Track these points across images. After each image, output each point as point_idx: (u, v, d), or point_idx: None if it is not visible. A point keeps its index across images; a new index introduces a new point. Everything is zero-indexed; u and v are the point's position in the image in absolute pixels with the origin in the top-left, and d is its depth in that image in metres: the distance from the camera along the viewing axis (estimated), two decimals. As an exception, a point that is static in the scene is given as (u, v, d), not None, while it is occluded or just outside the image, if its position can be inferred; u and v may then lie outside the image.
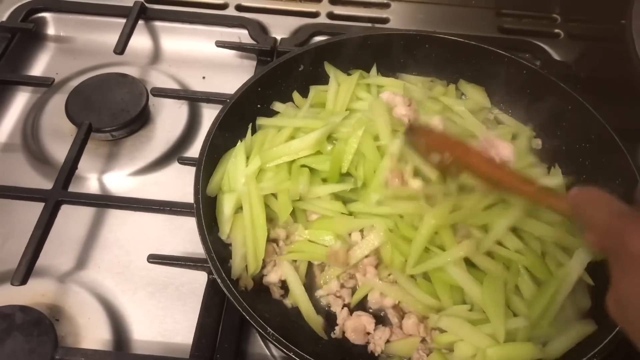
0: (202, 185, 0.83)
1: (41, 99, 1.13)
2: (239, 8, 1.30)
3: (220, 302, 0.84)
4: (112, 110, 1.06)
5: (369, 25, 1.28)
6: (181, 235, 0.96)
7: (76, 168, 0.96)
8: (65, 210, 0.92)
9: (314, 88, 1.03)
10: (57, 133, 1.07)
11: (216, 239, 0.84)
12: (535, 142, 1.00)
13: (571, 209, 0.61)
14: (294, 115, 0.95)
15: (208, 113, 1.13)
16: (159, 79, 1.17)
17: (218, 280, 0.73)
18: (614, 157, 0.87)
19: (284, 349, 0.67)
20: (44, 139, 1.06)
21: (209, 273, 0.85)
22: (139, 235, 0.96)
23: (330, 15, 1.29)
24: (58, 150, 1.03)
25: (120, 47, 1.12)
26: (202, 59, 1.22)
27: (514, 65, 1.00)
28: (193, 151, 1.07)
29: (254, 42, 1.19)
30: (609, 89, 1.10)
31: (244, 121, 0.95)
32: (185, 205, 0.90)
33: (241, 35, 1.22)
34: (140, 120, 1.08)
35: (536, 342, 0.75)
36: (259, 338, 0.85)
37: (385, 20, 1.30)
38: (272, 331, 0.68)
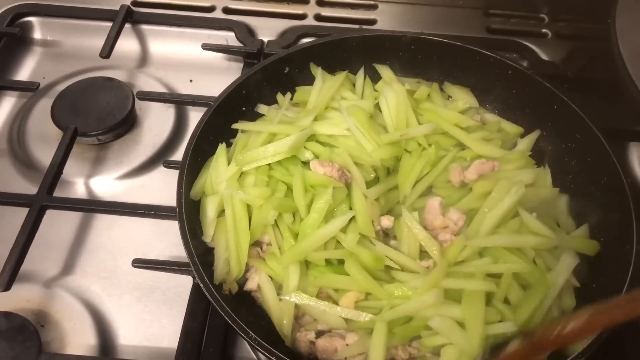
0: (185, 189, 0.82)
1: (27, 104, 1.13)
2: (226, 10, 1.30)
3: (206, 307, 0.84)
4: (99, 114, 1.06)
5: (357, 27, 1.28)
6: (168, 239, 0.96)
7: (61, 173, 0.96)
8: (51, 215, 0.92)
9: (300, 89, 1.02)
10: (43, 137, 1.06)
11: (200, 242, 0.84)
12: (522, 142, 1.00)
13: None
14: (277, 117, 0.95)
15: (195, 116, 1.13)
16: (146, 82, 1.17)
17: (200, 284, 0.73)
18: (599, 156, 0.87)
19: (266, 353, 0.67)
20: (29, 144, 1.06)
21: (194, 277, 0.85)
22: (126, 240, 0.96)
23: (318, 17, 1.29)
24: (44, 155, 1.03)
25: (107, 51, 1.12)
26: (189, 62, 1.22)
27: (499, 65, 0.99)
28: (179, 154, 1.05)
29: (240, 45, 1.19)
30: (596, 89, 1.10)
31: (229, 124, 0.94)
32: (171, 209, 0.89)
33: (228, 37, 1.22)
34: (127, 124, 1.08)
35: None
36: (245, 342, 0.84)
37: (372, 22, 1.30)
38: (255, 335, 0.68)
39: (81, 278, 0.92)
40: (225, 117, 0.93)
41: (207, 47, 1.16)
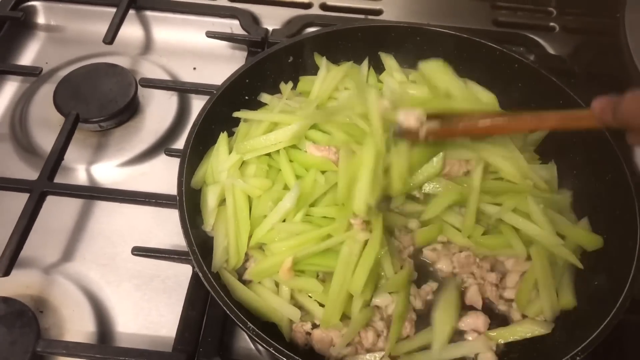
0: (186, 178, 0.82)
1: (30, 89, 1.12)
2: (231, -2, 1.29)
3: (205, 296, 0.84)
4: (101, 101, 1.05)
5: (362, 17, 1.26)
6: (168, 227, 0.96)
7: (62, 159, 0.96)
8: (52, 201, 0.92)
9: (303, 78, 1.01)
10: (45, 123, 1.06)
11: (201, 231, 0.84)
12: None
13: (598, 120, 0.70)
14: (278, 106, 0.94)
15: (197, 104, 1.12)
16: (149, 69, 1.16)
17: (199, 273, 0.72)
18: (604, 153, 0.86)
19: (263, 344, 0.67)
20: (31, 129, 1.05)
21: (194, 266, 0.84)
22: (126, 227, 0.96)
23: (323, 7, 1.28)
24: (45, 141, 1.02)
25: (110, 36, 1.11)
26: (193, 49, 1.21)
27: (506, 58, 0.98)
28: (181, 142, 1.03)
29: (245, 33, 1.18)
30: (604, 84, 1.09)
31: (232, 113, 0.94)
32: (171, 197, 0.89)
33: (232, 25, 1.21)
34: (129, 111, 1.07)
35: None
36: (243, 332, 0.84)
37: (378, 12, 1.28)
38: (252, 326, 0.68)
39: (80, 265, 0.92)
40: (228, 106, 0.92)
41: (211, 34, 1.15)
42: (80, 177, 1.01)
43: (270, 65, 0.97)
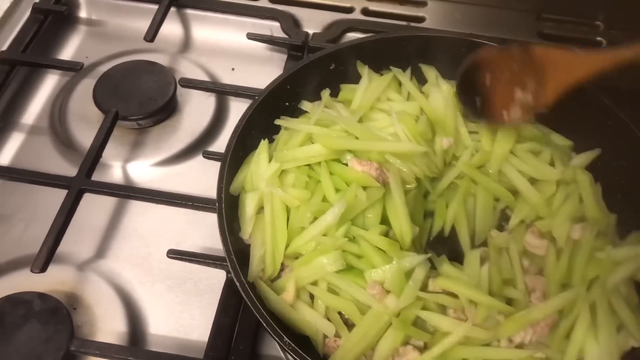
0: (225, 184, 0.81)
1: (70, 83, 1.12)
2: (272, -1, 1.28)
3: (238, 302, 0.83)
4: (140, 99, 1.05)
5: (404, 23, 1.24)
6: (202, 229, 0.95)
7: (100, 157, 0.96)
8: (88, 197, 0.92)
9: (345, 87, 1.00)
10: (84, 118, 1.06)
11: (237, 238, 0.83)
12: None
13: None
14: (316, 115, 0.92)
15: (235, 106, 1.11)
16: (187, 68, 1.16)
17: (237, 283, 0.71)
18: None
19: (298, 359, 0.66)
20: (70, 124, 1.06)
21: (228, 272, 0.84)
22: (160, 227, 0.96)
23: (365, 12, 1.26)
24: (84, 136, 1.03)
25: (151, 34, 1.11)
26: (232, 49, 1.20)
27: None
28: (218, 144, 1.06)
29: (285, 36, 1.17)
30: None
31: (272, 119, 0.93)
32: (207, 200, 0.89)
33: (273, 27, 1.20)
34: (167, 110, 1.07)
35: None
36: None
37: (421, 19, 1.26)
38: (289, 340, 0.67)
39: (114, 263, 0.92)
40: (268, 112, 0.91)
41: (251, 36, 1.14)
42: (116, 174, 1.02)
43: (312, 72, 0.96)
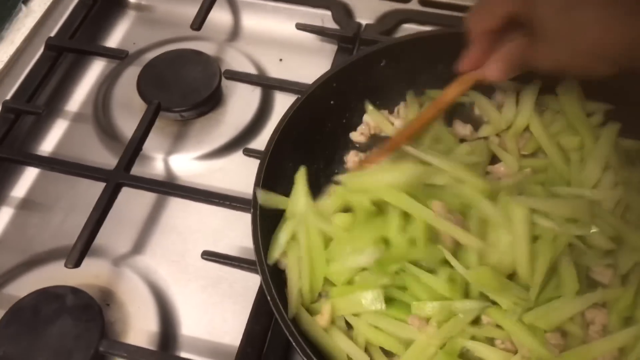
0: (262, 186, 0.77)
1: (115, 70, 1.11)
2: (324, -13, 1.22)
3: (271, 311, 0.79)
4: (184, 90, 1.02)
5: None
6: (240, 227, 0.91)
7: (140, 149, 0.94)
8: (126, 191, 0.90)
9: (429, 92, 0.93)
10: (127, 107, 1.04)
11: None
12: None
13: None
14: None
15: (281, 99, 1.07)
16: (233, 57, 1.12)
17: (277, 316, 0.68)
18: None
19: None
20: (113, 112, 1.04)
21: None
22: (198, 224, 0.93)
23: (423, 2, 1.18)
24: (126, 126, 1.01)
25: (198, 22, 1.07)
26: (280, 39, 1.16)
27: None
28: (261, 140, 1.02)
29: (336, 27, 1.11)
30: None
31: (316, 118, 0.88)
32: (246, 201, 0.85)
33: (324, 16, 1.15)
34: (211, 102, 1.04)
35: None
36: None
37: (482, 11, 1.17)
38: (319, 364, 0.63)
39: (150, 259, 0.90)
40: (312, 110, 0.86)
41: (301, 27, 1.09)
42: (157, 166, 1.00)
43: (361, 69, 0.90)
